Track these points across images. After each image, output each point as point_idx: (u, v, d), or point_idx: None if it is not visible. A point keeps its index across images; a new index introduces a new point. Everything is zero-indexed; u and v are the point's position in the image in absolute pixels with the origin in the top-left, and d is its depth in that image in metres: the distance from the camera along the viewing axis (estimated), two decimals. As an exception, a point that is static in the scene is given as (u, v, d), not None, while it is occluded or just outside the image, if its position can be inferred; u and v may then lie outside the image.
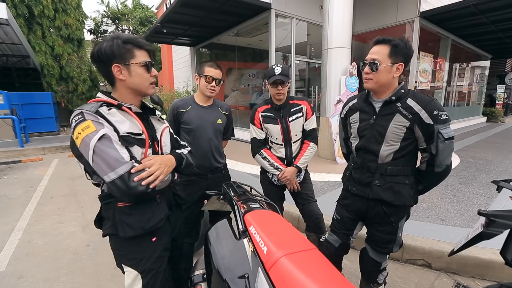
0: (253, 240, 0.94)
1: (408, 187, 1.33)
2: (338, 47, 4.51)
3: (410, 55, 1.27)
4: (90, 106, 0.96)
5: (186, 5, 5.72)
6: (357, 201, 1.46)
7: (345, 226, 1.54)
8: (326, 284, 0.74)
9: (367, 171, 1.38)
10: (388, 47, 1.24)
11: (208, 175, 1.76)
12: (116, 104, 0.99)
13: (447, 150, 1.23)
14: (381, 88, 1.30)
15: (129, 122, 1.00)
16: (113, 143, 0.91)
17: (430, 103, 1.22)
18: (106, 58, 0.96)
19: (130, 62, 0.98)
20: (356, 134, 1.43)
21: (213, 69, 1.66)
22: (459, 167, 4.53)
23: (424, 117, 1.21)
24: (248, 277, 0.87)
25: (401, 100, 1.27)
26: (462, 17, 6.73)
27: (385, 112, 1.31)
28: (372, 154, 1.35)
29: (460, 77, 10.94)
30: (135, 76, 1.00)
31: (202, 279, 1.09)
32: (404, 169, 1.32)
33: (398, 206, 1.35)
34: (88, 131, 0.89)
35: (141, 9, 14.11)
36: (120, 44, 0.96)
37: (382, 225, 1.41)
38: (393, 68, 1.24)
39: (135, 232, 0.99)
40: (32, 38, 9.57)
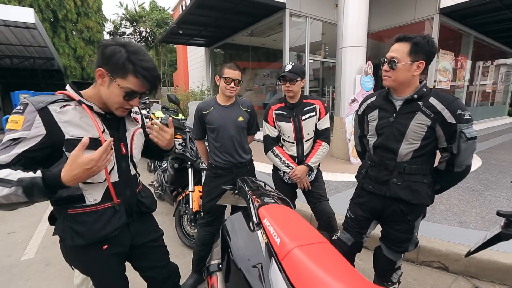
0: (267, 232, 0.97)
1: (426, 186, 1.32)
2: (353, 46, 4.45)
3: (433, 52, 1.25)
4: (41, 100, 0.87)
5: (201, 6, 5.85)
6: (373, 199, 1.45)
7: (359, 224, 1.54)
8: (338, 274, 0.76)
9: (384, 169, 1.37)
10: (408, 45, 1.23)
11: (233, 170, 1.84)
12: (76, 100, 0.92)
13: (469, 150, 1.22)
14: (400, 86, 1.30)
15: (84, 123, 0.92)
16: (14, 147, 0.81)
17: (453, 102, 1.21)
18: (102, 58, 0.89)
19: (115, 79, 0.89)
20: (374, 132, 1.42)
21: (232, 71, 1.72)
22: (480, 169, 4.35)
23: (446, 116, 1.20)
24: (262, 266, 0.90)
25: (423, 99, 1.26)
26: (486, 13, 6.43)
27: (406, 111, 1.29)
28: (391, 152, 1.35)
29: (483, 75, 10.44)
30: (111, 93, 0.91)
31: (218, 269, 1.14)
32: (422, 168, 1.31)
33: (415, 205, 1.34)
34: (14, 126, 0.83)
35: (158, 11, 14.51)
36: (123, 58, 0.87)
37: (399, 224, 1.40)
38: (412, 66, 1.23)
39: (86, 242, 0.95)
40: (56, 41, 10.10)
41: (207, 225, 1.93)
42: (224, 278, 1.07)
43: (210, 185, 1.89)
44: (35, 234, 2.80)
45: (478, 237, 1.21)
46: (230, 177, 1.84)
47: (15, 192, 0.76)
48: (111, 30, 13.92)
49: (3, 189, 0.76)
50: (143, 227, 1.17)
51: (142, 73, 0.89)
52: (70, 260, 1.05)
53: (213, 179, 1.88)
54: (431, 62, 1.29)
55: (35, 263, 2.30)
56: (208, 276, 1.15)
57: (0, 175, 0.77)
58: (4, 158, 0.80)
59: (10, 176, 0.77)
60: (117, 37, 0.90)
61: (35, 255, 2.43)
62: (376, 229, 1.63)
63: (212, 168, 1.90)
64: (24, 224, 3.02)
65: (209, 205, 1.88)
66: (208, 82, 10.58)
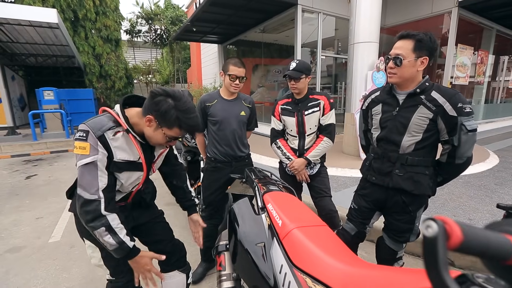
0: (270, 215, 1.07)
1: (427, 178, 1.36)
2: (366, 41, 4.41)
3: (435, 48, 1.28)
4: (99, 126, 1.03)
5: (215, 4, 5.95)
6: (376, 190, 1.50)
7: (362, 215, 1.60)
8: (332, 252, 0.85)
9: (387, 161, 1.42)
10: (412, 42, 1.26)
11: (232, 163, 1.90)
12: (125, 128, 1.07)
13: (470, 142, 1.25)
14: (405, 82, 1.34)
15: (129, 148, 1.09)
16: (96, 170, 1.01)
17: (454, 96, 1.24)
18: (155, 105, 1.02)
19: (162, 128, 1.05)
20: (378, 125, 1.47)
21: (236, 68, 1.76)
22: (496, 168, 4.23)
23: (448, 109, 1.24)
24: (264, 245, 1.00)
25: (426, 93, 1.30)
26: (509, 5, 6.14)
27: (408, 104, 1.34)
28: (394, 145, 1.39)
29: (508, 71, 9.96)
30: (155, 135, 1.08)
31: (225, 249, 1.24)
32: (424, 160, 1.35)
33: (417, 195, 1.38)
34: (82, 152, 1.00)
35: (172, 9, 14.77)
36: (173, 116, 1.02)
37: (401, 215, 1.45)
38: (417, 62, 1.27)
39: None
40: (76, 40, 10.54)
41: (210, 218, 1.96)
42: (231, 257, 1.17)
43: (209, 179, 1.93)
44: (60, 220, 3.03)
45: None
46: (229, 170, 1.88)
47: (112, 245, 1.03)
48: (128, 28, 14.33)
49: (110, 238, 1.02)
50: (141, 210, 1.36)
51: (187, 129, 1.08)
52: (82, 232, 1.19)
53: (212, 172, 1.91)
54: (433, 58, 1.32)
55: (61, 245, 2.51)
56: (216, 255, 1.26)
57: (112, 224, 1.03)
58: (103, 183, 1.03)
59: (118, 230, 1.04)
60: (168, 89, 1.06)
61: (60, 238, 2.65)
62: (380, 222, 1.68)
63: (211, 161, 1.93)
64: (51, 211, 3.27)
65: (209, 198, 1.94)
66: (220, 79, 10.73)
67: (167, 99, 1.03)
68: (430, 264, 0.33)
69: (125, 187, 1.17)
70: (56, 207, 3.39)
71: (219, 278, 1.17)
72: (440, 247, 0.32)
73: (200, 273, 1.98)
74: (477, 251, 0.34)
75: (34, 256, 2.35)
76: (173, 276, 1.42)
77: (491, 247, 0.33)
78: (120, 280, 1.22)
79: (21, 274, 2.11)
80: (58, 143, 7.22)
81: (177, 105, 1.03)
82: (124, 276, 1.22)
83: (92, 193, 1.00)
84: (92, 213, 1.00)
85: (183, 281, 1.45)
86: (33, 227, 2.88)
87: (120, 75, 11.58)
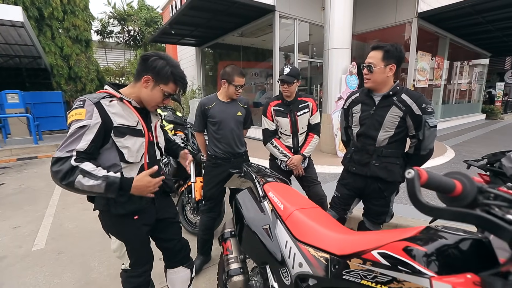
0: (272, 201, 1.23)
1: (398, 167, 1.61)
2: (339, 47, 4.77)
3: (402, 57, 1.55)
4: (94, 96, 1.10)
5: (194, 8, 6.01)
6: (356, 179, 1.73)
7: (343, 201, 1.83)
8: (328, 226, 1.03)
9: (366, 153, 1.65)
10: (381, 52, 1.51)
11: (231, 159, 2.06)
12: (118, 97, 1.14)
13: (432, 136, 1.51)
14: (378, 85, 1.58)
15: (126, 114, 1.14)
16: (82, 135, 1.03)
17: (419, 98, 1.51)
18: (150, 66, 1.13)
19: (159, 84, 1.16)
20: (357, 123, 1.70)
21: (241, 78, 1.95)
22: (453, 160, 4.79)
23: (415, 109, 1.48)
24: (269, 227, 1.15)
25: (397, 95, 1.54)
26: (459, 17, 6.96)
27: (383, 104, 1.57)
28: (371, 139, 1.62)
29: (460, 75, 11.16)
30: (152, 94, 1.17)
31: (231, 235, 1.38)
32: (396, 151, 1.60)
33: (390, 182, 1.62)
34: (78, 117, 1.04)
35: (146, 10, 14.41)
36: (168, 71, 1.15)
37: (377, 200, 1.69)
38: (386, 69, 1.51)
39: (125, 211, 1.17)
40: (42, 39, 9.87)
41: (209, 211, 2.13)
42: (238, 240, 1.31)
43: (210, 174, 2.09)
44: (42, 227, 2.92)
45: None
46: (229, 167, 2.03)
47: (99, 185, 1.00)
48: (99, 28, 13.70)
49: (89, 180, 0.99)
50: (164, 203, 1.42)
51: (180, 81, 1.20)
52: (109, 228, 1.26)
53: (213, 168, 2.08)
54: (401, 65, 1.58)
55: (47, 253, 2.45)
56: (223, 242, 1.39)
57: (87, 169, 1.00)
58: (82, 145, 1.02)
59: (95, 171, 1.01)
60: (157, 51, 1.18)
61: (45, 245, 2.57)
62: (359, 211, 1.91)
63: (211, 158, 2.09)
64: (29, 219, 3.13)
65: (210, 192, 2.09)
66: (199, 81, 10.69)
67: (160, 60, 1.14)
68: (412, 193, 0.53)
69: (134, 154, 1.16)
70: (34, 215, 3.24)
71: (227, 261, 1.30)
72: (416, 182, 0.52)
73: (198, 266, 2.08)
74: (434, 187, 0.56)
75: (18, 265, 2.27)
76: (178, 271, 1.52)
77: (442, 184, 0.54)
78: (136, 271, 1.30)
79: (7, 284, 2.04)
80: (25, 149, 6.75)
81: (169, 62, 1.16)
82: (142, 267, 1.31)
83: (66, 152, 1.00)
84: (63, 169, 0.97)
85: (188, 276, 1.55)
86: (11, 237, 2.75)
87: (91, 77, 11.02)
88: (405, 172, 0.55)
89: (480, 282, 0.54)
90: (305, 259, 0.97)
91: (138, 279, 1.30)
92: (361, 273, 0.77)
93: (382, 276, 0.70)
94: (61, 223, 3.01)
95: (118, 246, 1.26)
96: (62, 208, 3.41)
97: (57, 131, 9.68)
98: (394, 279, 0.67)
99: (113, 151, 1.12)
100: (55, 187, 4.23)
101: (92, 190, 1.01)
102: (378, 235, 0.84)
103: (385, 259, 0.71)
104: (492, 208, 0.51)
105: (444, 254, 0.63)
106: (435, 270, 0.61)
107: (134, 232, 1.25)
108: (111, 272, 2.14)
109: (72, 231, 2.84)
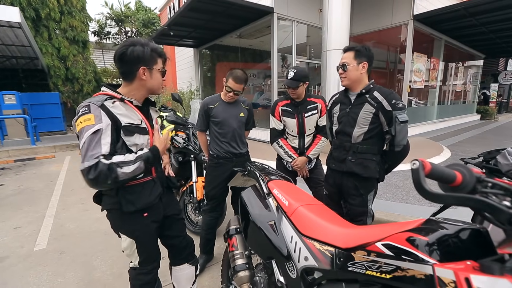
0: (277, 198, 1.26)
1: (375, 163, 1.65)
2: (337, 49, 4.82)
3: (371, 56, 1.64)
4: (96, 99, 1.11)
5: (194, 9, 6.04)
6: (336, 176, 1.79)
7: (332, 199, 1.88)
8: (332, 221, 1.06)
9: (343, 150, 1.72)
10: (352, 52, 1.62)
11: (233, 159, 2.08)
12: (119, 98, 1.15)
13: (403, 131, 1.56)
14: (353, 83, 1.65)
15: (130, 114, 1.17)
16: (100, 139, 1.05)
17: (390, 95, 1.56)
18: (135, 59, 1.14)
19: (153, 67, 1.19)
20: (336, 121, 1.78)
21: (234, 83, 1.91)
22: (449, 160, 4.87)
23: (385, 105, 1.55)
24: (275, 223, 1.19)
25: (369, 93, 1.62)
26: (454, 20, 7.08)
27: (357, 102, 1.66)
28: (347, 136, 1.69)
29: (455, 76, 11.32)
30: (154, 79, 1.22)
31: (236, 232, 1.41)
32: (372, 148, 1.65)
33: (366, 178, 1.66)
34: (88, 123, 1.05)
35: (144, 11, 14.40)
36: (149, 51, 1.16)
37: (353, 198, 1.72)
38: (359, 66, 1.61)
39: (135, 208, 1.20)
40: (39, 40, 9.82)
41: (212, 211, 2.15)
42: (244, 237, 1.34)
43: (212, 174, 2.11)
44: (43, 228, 2.92)
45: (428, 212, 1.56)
46: (230, 166, 2.06)
47: (139, 166, 1.12)
48: (96, 29, 13.66)
49: (129, 167, 1.09)
50: (169, 199, 1.46)
51: (162, 53, 1.25)
52: (118, 226, 1.28)
53: (215, 168, 2.10)
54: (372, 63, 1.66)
55: (49, 252, 2.45)
56: (228, 239, 1.42)
57: (120, 160, 1.07)
58: (105, 149, 1.06)
59: (127, 158, 1.10)
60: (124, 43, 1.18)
61: (47, 245, 2.57)
62: None
63: (213, 158, 2.10)
64: (29, 220, 3.12)
65: (212, 192, 2.11)
66: (197, 83, 10.72)
67: (135, 47, 1.14)
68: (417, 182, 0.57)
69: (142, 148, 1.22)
70: (34, 216, 3.24)
71: (233, 257, 1.33)
72: (421, 172, 0.56)
73: (201, 264, 2.10)
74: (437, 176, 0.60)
75: (21, 265, 2.28)
76: (183, 268, 1.54)
77: (444, 175, 0.58)
78: (146, 268, 1.33)
79: (10, 283, 2.05)
80: (23, 150, 6.71)
81: (143, 43, 1.16)
82: (151, 264, 1.34)
83: (93, 159, 1.02)
84: (101, 172, 1.01)
85: (192, 273, 1.58)
86: (13, 237, 2.75)
87: (88, 78, 10.97)
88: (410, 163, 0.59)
89: (479, 267, 0.57)
90: (311, 253, 1.00)
91: (147, 276, 1.33)
92: (366, 264, 0.81)
93: (386, 265, 0.74)
94: (62, 224, 3.02)
95: (128, 244, 1.28)
96: (62, 209, 3.41)
97: (55, 132, 9.63)
98: (398, 267, 0.71)
99: (123, 151, 1.16)
100: (54, 188, 4.22)
101: (135, 173, 1.12)
102: (381, 228, 0.88)
103: (389, 249, 0.75)
104: (489, 196, 0.55)
105: (445, 243, 0.67)
106: (437, 258, 0.65)
107: (144, 229, 1.28)
108: (114, 271, 2.16)
109: (73, 231, 2.85)
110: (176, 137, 2.87)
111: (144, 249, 1.31)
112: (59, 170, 5.31)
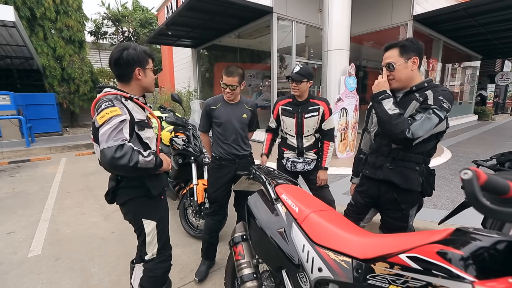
0: (286, 204, 1.19)
1: (417, 174, 1.38)
2: (338, 49, 4.79)
3: (421, 48, 1.40)
4: (113, 96, 1.23)
5: (192, 9, 5.96)
6: (371, 186, 1.56)
7: (357, 211, 1.68)
8: (347, 229, 1.00)
9: (381, 155, 1.48)
10: (397, 49, 1.39)
11: (236, 161, 2.01)
12: (127, 96, 1.28)
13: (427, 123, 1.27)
14: (404, 84, 1.40)
15: (138, 110, 1.31)
16: (123, 129, 1.16)
17: (441, 91, 1.31)
18: (131, 62, 1.26)
19: (146, 67, 1.32)
20: (376, 123, 1.52)
21: (225, 77, 1.85)
22: (450, 161, 4.85)
23: (430, 98, 1.29)
24: (284, 230, 1.12)
25: (420, 91, 1.36)
26: (453, 20, 7.08)
27: (404, 100, 1.40)
28: (387, 139, 1.44)
29: (452, 77, 11.35)
30: (148, 77, 1.36)
31: (242, 239, 1.34)
32: (416, 156, 1.37)
33: (407, 192, 1.41)
34: (115, 113, 1.15)
35: (141, 11, 14.26)
36: (142, 53, 1.29)
37: (394, 212, 1.49)
38: (408, 63, 1.37)
39: (159, 191, 1.40)
40: (34, 40, 9.67)
41: (214, 214, 2.08)
42: (251, 244, 1.27)
43: (215, 176, 2.04)
44: (37, 232, 2.83)
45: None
46: (233, 167, 2.01)
47: (152, 160, 1.22)
48: (92, 29, 13.50)
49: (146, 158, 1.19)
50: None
51: (152, 54, 1.37)
52: (142, 213, 1.36)
53: (218, 170, 2.03)
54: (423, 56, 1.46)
55: (44, 259, 2.36)
56: (234, 246, 1.35)
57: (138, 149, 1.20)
58: (127, 136, 1.16)
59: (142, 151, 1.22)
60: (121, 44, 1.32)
61: (41, 251, 2.48)
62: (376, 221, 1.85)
63: (216, 160, 2.04)
64: (23, 224, 3.02)
65: (215, 195, 2.04)
66: (195, 83, 10.62)
67: (129, 51, 1.25)
68: (471, 195, 0.51)
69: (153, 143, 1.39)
70: (29, 220, 3.13)
71: (239, 266, 1.26)
72: (475, 183, 0.49)
73: (204, 271, 2.02)
74: (491, 188, 0.53)
75: (14, 272, 2.18)
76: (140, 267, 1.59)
77: (498, 186, 0.51)
78: (164, 254, 1.44)
79: (3, 292, 1.96)
80: (17, 152, 6.57)
81: (134, 47, 1.28)
82: (168, 250, 1.48)
83: (121, 140, 1.12)
84: (127, 151, 1.10)
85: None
86: (6, 243, 2.65)
87: (85, 78, 10.80)
88: (460, 172, 0.52)
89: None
90: (325, 263, 0.94)
91: (166, 263, 1.45)
92: (389, 278, 0.75)
93: (415, 280, 0.68)
94: (57, 228, 2.92)
95: (152, 229, 1.38)
96: (58, 212, 3.31)
97: (50, 134, 9.46)
98: (429, 284, 0.64)
99: (136, 144, 1.26)
100: (50, 191, 4.12)
101: (148, 166, 1.20)
102: (403, 238, 0.82)
103: (416, 263, 0.69)
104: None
105: (481, 257, 0.61)
106: (474, 274, 0.59)
107: (164, 209, 1.48)
108: (112, 278, 2.08)
109: (69, 236, 2.76)
110: (175, 138, 2.80)
111: (163, 232, 1.44)
112: (55, 172, 5.20)
